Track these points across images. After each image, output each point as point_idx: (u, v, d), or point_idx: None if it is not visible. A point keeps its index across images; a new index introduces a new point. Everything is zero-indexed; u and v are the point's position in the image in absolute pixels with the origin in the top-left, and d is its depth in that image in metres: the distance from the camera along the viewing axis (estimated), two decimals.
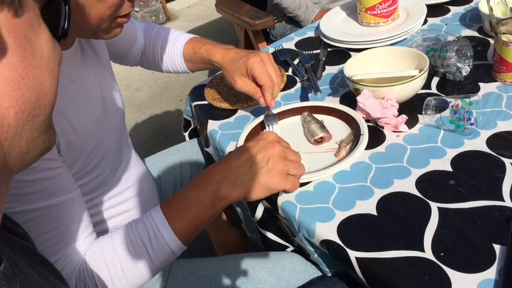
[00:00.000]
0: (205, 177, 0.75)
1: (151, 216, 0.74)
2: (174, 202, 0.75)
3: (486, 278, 0.62)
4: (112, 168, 0.89)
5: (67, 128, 0.74)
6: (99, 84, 0.86)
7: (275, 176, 0.75)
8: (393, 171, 0.82)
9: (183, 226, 0.73)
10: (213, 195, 0.73)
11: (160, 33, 1.14)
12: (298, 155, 0.82)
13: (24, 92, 0.34)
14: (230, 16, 1.98)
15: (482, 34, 1.13)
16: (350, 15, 1.37)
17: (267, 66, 0.95)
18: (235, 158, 0.76)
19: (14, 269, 0.37)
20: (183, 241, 0.73)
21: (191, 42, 1.11)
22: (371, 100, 0.91)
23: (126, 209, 0.94)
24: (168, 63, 1.15)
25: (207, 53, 1.05)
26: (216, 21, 3.58)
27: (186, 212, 0.73)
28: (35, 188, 0.66)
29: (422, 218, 0.72)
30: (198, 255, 1.03)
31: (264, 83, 0.93)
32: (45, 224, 0.68)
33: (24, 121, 0.34)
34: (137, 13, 3.70)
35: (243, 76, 0.97)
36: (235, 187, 0.74)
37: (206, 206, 0.73)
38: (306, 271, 0.90)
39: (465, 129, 0.85)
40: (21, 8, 0.33)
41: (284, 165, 0.76)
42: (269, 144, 0.77)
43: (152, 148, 2.36)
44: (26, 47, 0.34)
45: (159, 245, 0.72)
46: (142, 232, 0.73)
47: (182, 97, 2.82)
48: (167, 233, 0.72)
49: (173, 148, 1.27)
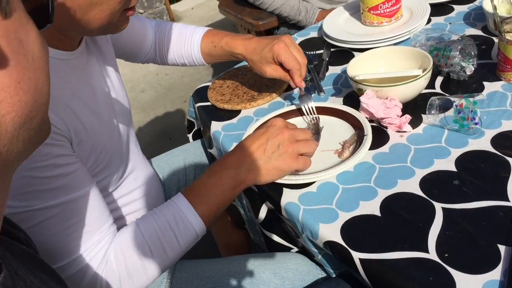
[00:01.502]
0: (223, 164, 0.80)
1: (175, 203, 0.78)
2: (196, 188, 0.79)
3: (491, 279, 0.61)
4: (121, 168, 0.89)
5: (79, 128, 0.75)
6: (105, 84, 0.86)
7: (287, 159, 0.80)
8: (397, 171, 0.82)
9: (207, 209, 0.77)
10: (232, 179, 0.78)
11: (173, 28, 1.15)
12: (306, 132, 0.86)
13: (21, 96, 0.33)
14: (233, 17, 1.98)
15: (486, 33, 1.12)
16: (353, 15, 1.36)
17: (291, 50, 0.98)
18: (248, 145, 0.81)
19: (14, 278, 0.37)
20: (206, 224, 0.78)
21: (209, 35, 1.12)
22: (375, 100, 0.91)
23: (134, 209, 0.95)
24: (185, 57, 1.16)
25: (228, 46, 1.07)
26: (220, 22, 3.59)
27: (209, 196, 0.78)
28: (56, 184, 0.68)
29: (426, 218, 0.72)
30: (202, 256, 1.03)
31: (292, 66, 0.97)
32: (68, 218, 0.70)
33: (21, 124, 0.33)
34: (141, 15, 3.71)
35: (270, 64, 1.00)
36: (252, 171, 0.79)
37: (227, 189, 0.78)
38: (310, 272, 0.89)
39: (469, 128, 0.84)
40: (9, 7, 0.32)
41: (294, 147, 0.80)
42: (278, 130, 0.81)
43: (157, 150, 2.36)
44: (18, 49, 0.33)
45: (186, 229, 0.76)
46: (168, 217, 0.76)
47: (186, 98, 2.82)
48: (193, 217, 0.76)
49: (177, 150, 1.27)
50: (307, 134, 0.85)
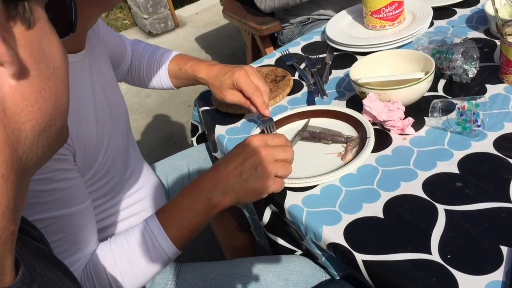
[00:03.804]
0: (197, 186, 0.77)
1: (148, 224, 0.77)
2: (169, 210, 0.78)
3: (494, 280, 0.62)
4: (121, 172, 0.90)
5: (83, 135, 0.75)
6: (103, 87, 0.87)
7: (264, 181, 0.76)
8: (400, 173, 0.83)
9: (178, 233, 0.76)
10: (206, 203, 0.76)
11: (146, 50, 1.16)
12: (286, 150, 0.79)
13: (42, 105, 0.34)
14: (237, 22, 2.00)
15: (488, 36, 1.12)
16: (356, 18, 1.37)
17: (251, 78, 0.98)
18: (224, 166, 0.77)
19: (32, 274, 0.38)
20: (178, 247, 0.76)
21: (177, 59, 1.14)
22: (377, 103, 0.91)
23: (135, 212, 0.95)
24: (153, 79, 1.17)
25: (192, 70, 1.09)
26: (224, 27, 3.60)
27: (181, 219, 0.76)
28: (49, 198, 0.67)
29: (429, 220, 0.72)
30: (207, 259, 1.04)
31: (251, 93, 0.97)
32: (54, 233, 0.69)
33: (40, 131, 0.34)
34: (146, 20, 3.73)
35: (230, 89, 1.01)
36: (227, 194, 0.76)
37: (200, 213, 0.76)
38: (314, 274, 0.90)
39: (472, 131, 0.85)
40: (33, 18, 0.32)
41: (273, 168, 0.76)
42: (255, 150, 0.77)
43: (161, 154, 2.37)
44: (41, 59, 0.33)
45: (157, 252, 0.75)
46: (140, 240, 0.75)
47: (190, 103, 2.83)
48: (164, 241, 0.75)
49: (181, 154, 1.28)
50: (287, 153, 0.78)
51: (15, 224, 0.34)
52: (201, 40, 3.58)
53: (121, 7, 4.20)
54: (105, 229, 0.88)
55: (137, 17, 3.97)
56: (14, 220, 0.34)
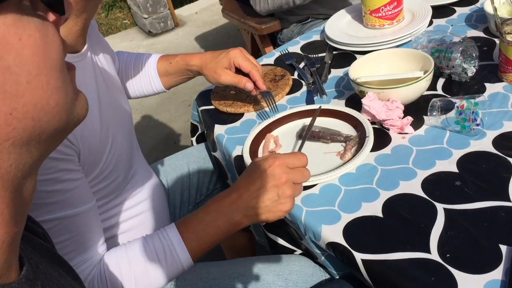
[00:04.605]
0: (221, 206, 0.77)
1: (167, 234, 0.77)
2: (191, 224, 0.78)
3: (493, 279, 0.62)
4: (126, 172, 0.90)
5: (87, 135, 0.75)
6: (107, 86, 0.87)
7: (285, 205, 0.76)
8: (399, 172, 0.83)
9: (197, 247, 0.77)
10: (229, 223, 0.77)
11: (130, 57, 1.16)
12: (304, 172, 0.78)
13: (16, 125, 0.31)
14: (237, 21, 2.00)
15: (488, 35, 1.12)
16: (355, 17, 1.37)
17: (246, 55, 1.04)
18: (246, 188, 0.77)
19: (36, 271, 0.38)
20: (194, 260, 0.78)
21: (164, 56, 1.15)
22: (376, 102, 0.91)
23: (137, 213, 0.96)
24: (143, 84, 1.16)
25: (183, 60, 1.10)
26: (224, 26, 3.60)
27: (202, 234, 0.77)
28: (55, 199, 0.68)
29: (428, 219, 0.72)
30: (207, 259, 1.04)
31: (250, 68, 1.02)
32: (60, 234, 0.70)
33: (25, 143, 0.32)
34: (145, 20, 3.73)
35: (225, 68, 1.04)
36: (249, 216, 0.77)
37: (222, 231, 0.77)
38: (314, 273, 0.90)
39: (471, 129, 0.85)
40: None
41: (292, 192, 0.76)
42: (276, 176, 0.75)
43: (161, 154, 2.37)
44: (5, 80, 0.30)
45: (173, 262, 0.76)
46: (158, 249, 0.76)
47: (190, 102, 2.83)
48: (183, 253, 0.76)
49: (181, 153, 1.28)
50: (304, 177, 0.77)
51: (18, 226, 0.34)
52: (201, 39, 3.57)
53: (120, 6, 4.20)
54: (108, 229, 0.88)
55: (136, 17, 3.97)
56: (16, 223, 0.34)
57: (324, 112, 1.01)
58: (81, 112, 0.38)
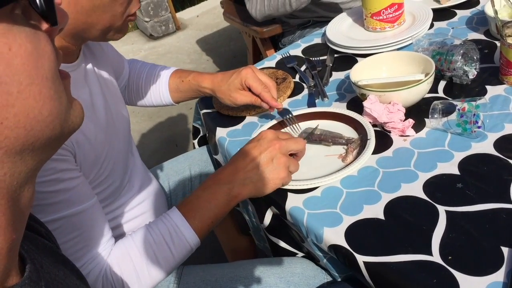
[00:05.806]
0: (217, 179, 0.81)
1: (170, 216, 0.79)
2: (190, 203, 0.80)
3: (495, 281, 0.62)
4: (122, 177, 0.91)
5: (82, 140, 0.76)
6: (103, 93, 0.88)
7: (280, 172, 0.80)
8: (401, 175, 0.83)
9: (201, 223, 0.79)
10: (226, 194, 0.79)
11: (144, 67, 1.17)
12: (298, 140, 0.85)
13: (7, 134, 0.30)
14: (238, 25, 2.00)
15: (488, 37, 1.13)
16: (356, 21, 1.37)
17: (258, 75, 1.01)
18: (241, 159, 0.81)
19: (40, 271, 0.38)
20: (200, 237, 0.79)
21: (177, 72, 1.15)
22: (378, 105, 0.92)
23: (135, 215, 0.96)
24: (152, 95, 1.17)
25: (195, 80, 1.10)
26: (225, 30, 3.61)
27: (203, 210, 0.79)
28: (58, 198, 0.69)
29: (430, 221, 0.72)
30: (209, 261, 1.04)
31: (260, 90, 0.99)
32: (69, 232, 0.71)
33: (18, 152, 0.31)
34: (147, 23, 3.74)
35: (239, 90, 1.03)
36: (246, 185, 0.79)
37: (221, 204, 0.79)
38: (316, 276, 0.90)
39: (472, 132, 0.85)
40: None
41: (287, 160, 0.81)
42: (269, 142, 0.81)
43: (163, 157, 2.38)
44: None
45: (180, 243, 0.77)
46: (163, 231, 0.78)
47: (192, 105, 2.82)
48: (188, 232, 0.77)
49: (182, 156, 1.28)
50: (298, 143, 0.84)
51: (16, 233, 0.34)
52: (202, 42, 3.58)
53: None
54: None
55: (138, 20, 3.98)
56: (14, 230, 0.34)
57: (326, 115, 1.02)
58: (76, 121, 0.38)
